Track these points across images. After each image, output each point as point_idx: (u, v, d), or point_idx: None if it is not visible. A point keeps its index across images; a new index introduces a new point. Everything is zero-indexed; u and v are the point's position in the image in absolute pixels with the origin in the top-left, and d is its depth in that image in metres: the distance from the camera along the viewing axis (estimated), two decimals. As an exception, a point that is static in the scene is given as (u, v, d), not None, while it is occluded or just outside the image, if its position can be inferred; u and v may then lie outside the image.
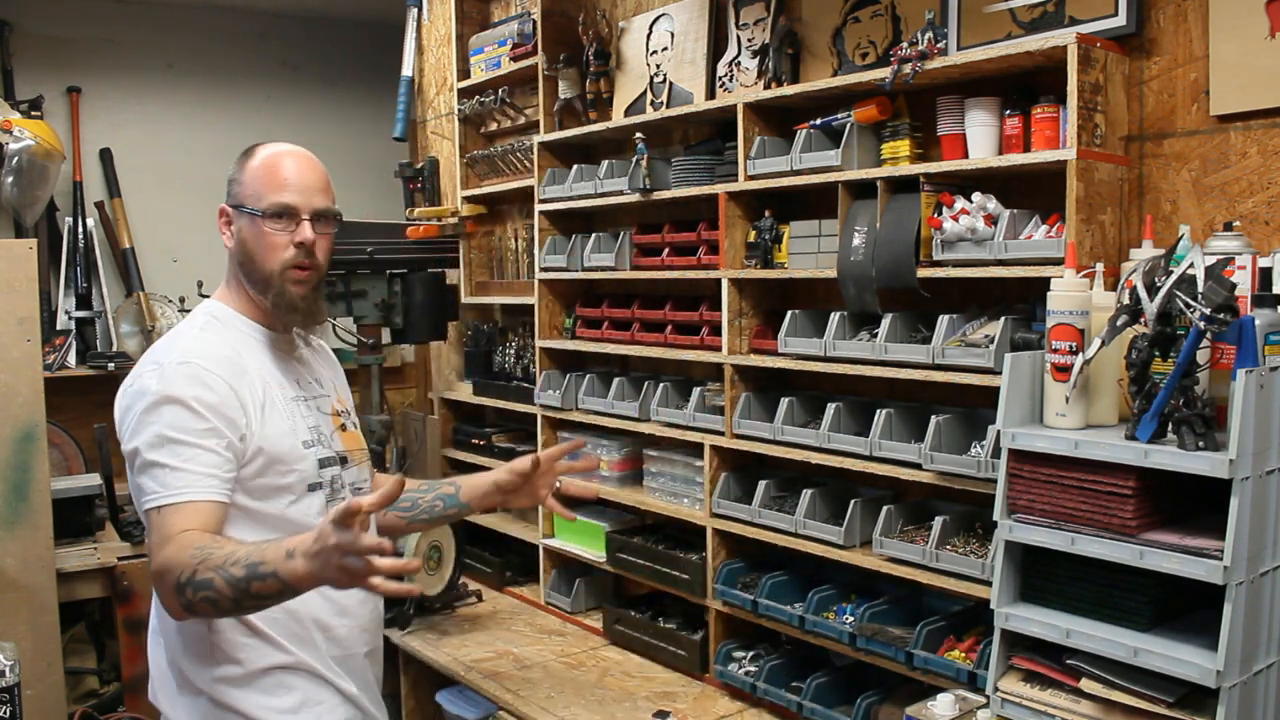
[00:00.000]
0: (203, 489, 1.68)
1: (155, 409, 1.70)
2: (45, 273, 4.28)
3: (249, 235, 1.87)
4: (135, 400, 1.74)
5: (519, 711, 2.66)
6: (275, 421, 1.81)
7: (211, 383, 1.74)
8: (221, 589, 1.56)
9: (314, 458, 1.86)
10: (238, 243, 1.89)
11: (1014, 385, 1.85)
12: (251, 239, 1.86)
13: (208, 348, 1.80)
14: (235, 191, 1.89)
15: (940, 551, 2.18)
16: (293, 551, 1.51)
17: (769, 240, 2.63)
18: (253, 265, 1.87)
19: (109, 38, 4.82)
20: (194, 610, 1.61)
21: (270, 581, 1.53)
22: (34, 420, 3.20)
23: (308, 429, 1.88)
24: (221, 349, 1.81)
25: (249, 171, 1.88)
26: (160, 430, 1.69)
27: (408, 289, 3.46)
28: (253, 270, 1.88)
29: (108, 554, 3.57)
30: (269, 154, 1.89)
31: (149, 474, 1.69)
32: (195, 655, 1.80)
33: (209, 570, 1.56)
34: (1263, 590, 1.61)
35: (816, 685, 2.41)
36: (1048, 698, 1.77)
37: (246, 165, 1.89)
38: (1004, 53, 2.09)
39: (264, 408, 1.80)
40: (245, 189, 1.87)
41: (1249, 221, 1.96)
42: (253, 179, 1.87)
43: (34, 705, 3.08)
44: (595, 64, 3.28)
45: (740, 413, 2.67)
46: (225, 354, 1.81)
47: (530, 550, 3.52)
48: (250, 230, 1.86)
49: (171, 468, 1.67)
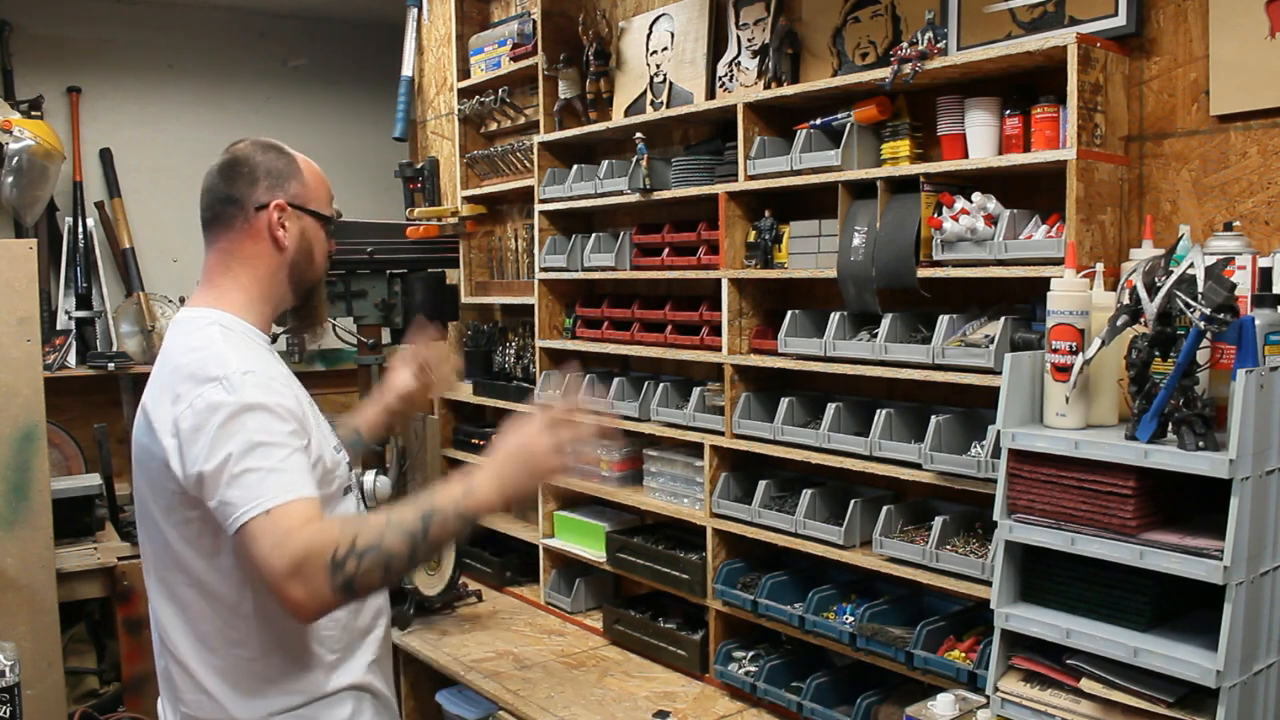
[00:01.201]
0: (304, 486, 1.57)
1: (236, 418, 1.56)
2: (45, 273, 4.29)
3: (314, 239, 1.81)
4: (207, 416, 1.57)
5: (519, 711, 2.66)
6: (318, 428, 1.76)
7: (280, 390, 1.65)
8: (394, 547, 1.52)
9: (344, 460, 1.84)
10: (298, 245, 1.79)
11: (1014, 385, 1.85)
12: (316, 243, 1.82)
13: (254, 357, 1.68)
14: (297, 191, 1.78)
15: (940, 551, 2.18)
16: (473, 487, 1.58)
17: (769, 240, 2.63)
18: (309, 268, 1.82)
19: (109, 38, 4.82)
20: (353, 586, 1.50)
21: (452, 522, 1.56)
22: (34, 420, 3.20)
23: (330, 432, 1.85)
24: (262, 357, 1.71)
25: (309, 174, 1.81)
26: (248, 437, 1.55)
27: (408, 289, 3.46)
28: (305, 274, 1.82)
29: (108, 554, 3.57)
30: (305, 159, 1.84)
31: (242, 483, 1.53)
32: (244, 691, 1.70)
33: (371, 536, 1.51)
34: (1263, 590, 1.61)
35: (816, 685, 2.41)
36: (1048, 698, 1.77)
37: (298, 165, 1.80)
38: (1004, 53, 2.08)
39: (310, 415, 1.74)
40: (309, 191, 1.80)
41: (1249, 221, 1.96)
42: (314, 182, 1.81)
43: (34, 705, 3.08)
44: (595, 64, 3.28)
45: (740, 413, 2.67)
46: (268, 360, 1.72)
47: (530, 550, 3.52)
48: (315, 234, 1.81)
49: (268, 469, 1.54)
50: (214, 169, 1.79)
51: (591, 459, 2.63)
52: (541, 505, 3.41)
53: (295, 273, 1.81)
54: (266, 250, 1.77)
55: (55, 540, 3.27)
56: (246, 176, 1.76)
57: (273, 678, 1.71)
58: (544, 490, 3.40)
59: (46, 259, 4.40)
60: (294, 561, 1.48)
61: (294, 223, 1.78)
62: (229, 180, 1.77)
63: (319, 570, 1.48)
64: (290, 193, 1.78)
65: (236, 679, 1.70)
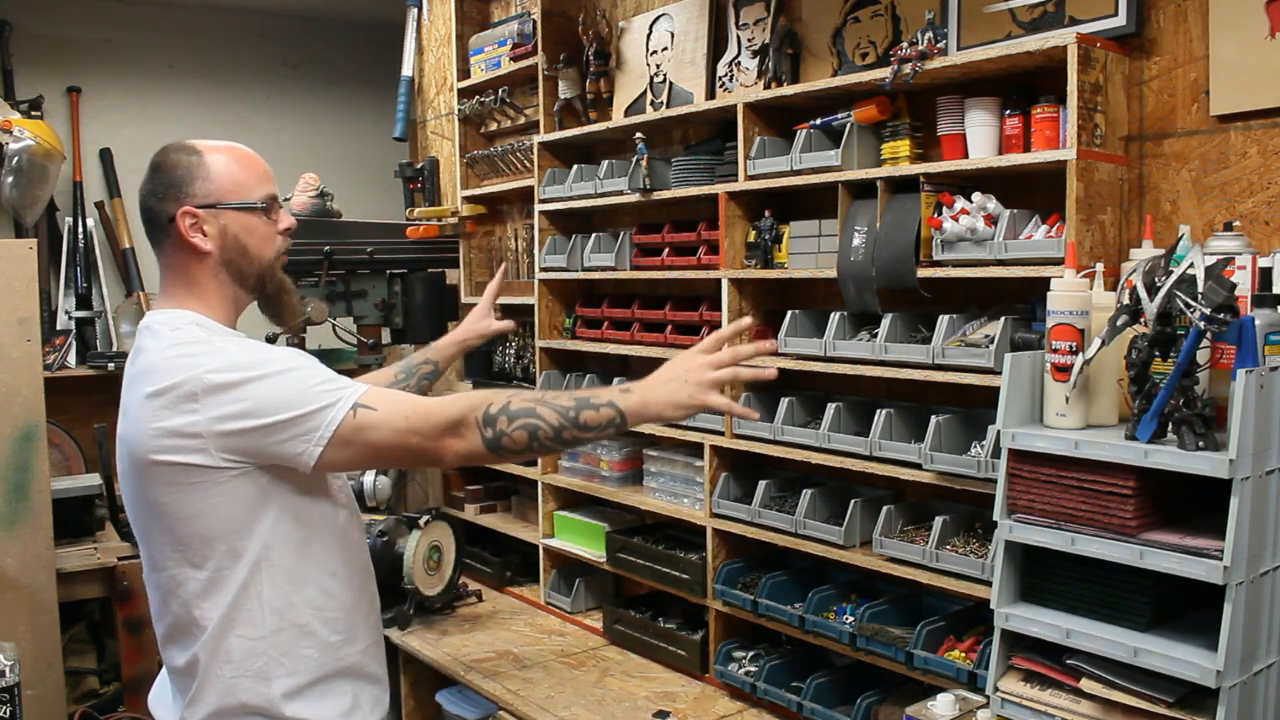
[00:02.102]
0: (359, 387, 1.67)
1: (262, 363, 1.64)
2: (45, 273, 4.28)
3: (239, 230, 1.77)
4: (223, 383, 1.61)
5: (519, 711, 2.66)
6: None
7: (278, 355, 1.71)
8: (546, 416, 1.65)
9: None
10: (224, 242, 1.76)
11: (1014, 385, 1.85)
12: (244, 233, 1.77)
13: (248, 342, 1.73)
14: (205, 190, 1.75)
15: (940, 551, 2.18)
16: (630, 388, 1.70)
17: (769, 240, 2.63)
18: (246, 261, 1.79)
19: (109, 38, 4.82)
20: (500, 444, 1.65)
21: (605, 411, 1.67)
22: (34, 420, 3.20)
23: None
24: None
25: (216, 168, 1.77)
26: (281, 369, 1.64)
27: (408, 289, 3.46)
28: (245, 266, 1.79)
29: (108, 554, 3.57)
30: (225, 148, 1.81)
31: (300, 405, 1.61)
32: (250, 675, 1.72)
33: (527, 402, 1.65)
34: (1263, 590, 1.61)
35: (816, 685, 2.41)
36: (1048, 698, 1.77)
37: (205, 163, 1.76)
38: (1004, 53, 2.08)
39: None
40: (221, 185, 1.76)
41: (1249, 221, 1.96)
42: (227, 174, 1.77)
43: (34, 705, 3.08)
44: (595, 64, 3.28)
45: (740, 413, 2.67)
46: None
47: (530, 550, 3.52)
48: (241, 225, 1.77)
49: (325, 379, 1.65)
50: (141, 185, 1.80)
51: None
52: (542, 505, 3.41)
53: (232, 270, 1.79)
54: (193, 258, 1.77)
55: (55, 540, 3.27)
56: (158, 190, 1.76)
57: (279, 659, 1.73)
58: (544, 490, 3.40)
59: (46, 259, 4.40)
60: (449, 420, 1.64)
61: (211, 223, 1.75)
62: (149, 195, 1.78)
63: (474, 424, 1.65)
64: (194, 195, 1.75)
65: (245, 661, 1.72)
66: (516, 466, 3.58)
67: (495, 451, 1.68)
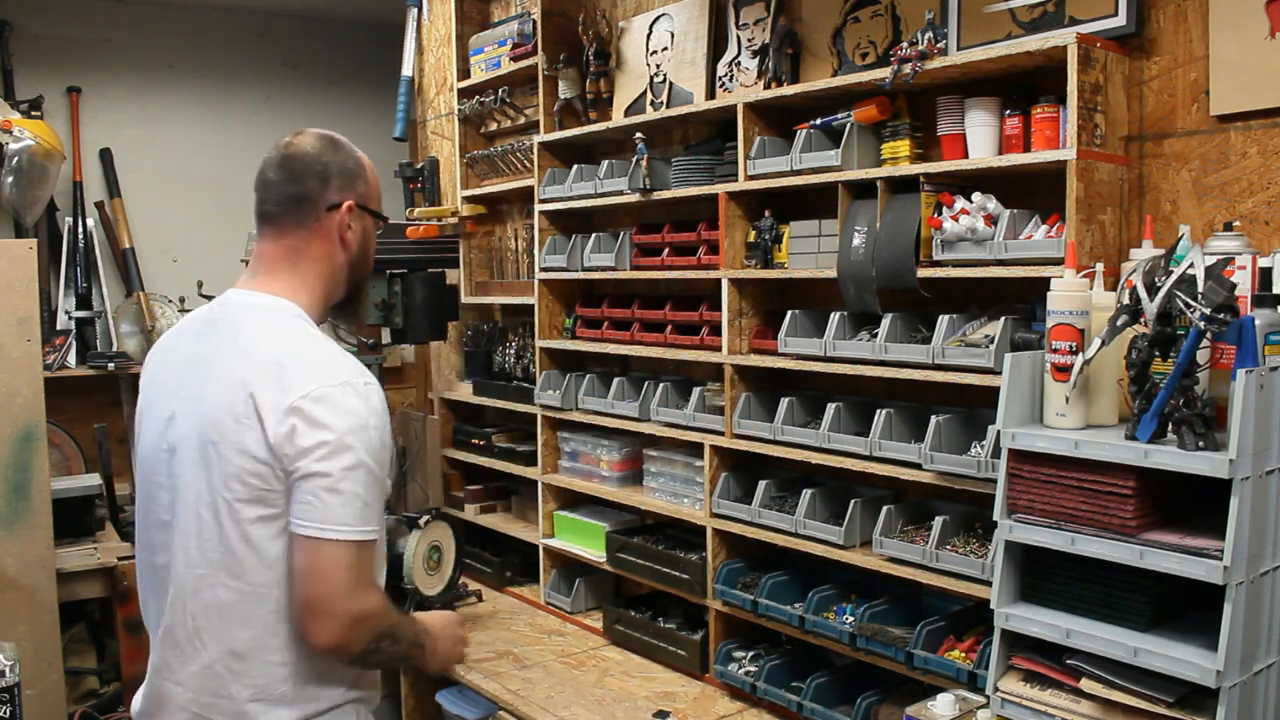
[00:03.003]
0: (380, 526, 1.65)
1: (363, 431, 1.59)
2: (45, 273, 4.28)
3: (370, 239, 1.81)
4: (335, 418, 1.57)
5: (519, 711, 2.66)
6: None
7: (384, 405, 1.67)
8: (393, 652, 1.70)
9: None
10: (361, 244, 1.79)
11: (1014, 385, 1.85)
12: (370, 240, 1.82)
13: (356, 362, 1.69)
14: (364, 191, 1.78)
15: (940, 551, 2.18)
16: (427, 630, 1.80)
17: (769, 240, 2.63)
18: (365, 265, 1.82)
19: (109, 38, 4.82)
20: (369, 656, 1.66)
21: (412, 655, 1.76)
22: (34, 420, 3.20)
23: None
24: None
25: (371, 173, 1.80)
26: (365, 459, 1.59)
27: (408, 289, 3.46)
28: (363, 269, 1.82)
29: (108, 554, 3.57)
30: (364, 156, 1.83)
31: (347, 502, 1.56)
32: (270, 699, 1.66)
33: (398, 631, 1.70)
34: (1263, 590, 1.61)
35: (816, 685, 2.41)
36: (1048, 698, 1.77)
37: (364, 164, 1.78)
38: (1004, 53, 2.09)
39: None
40: (372, 191, 1.80)
41: (1249, 221, 1.96)
42: (375, 182, 1.81)
43: (34, 705, 3.08)
44: (595, 64, 3.28)
45: (740, 412, 2.67)
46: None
47: (530, 550, 3.52)
48: (372, 233, 1.82)
49: (368, 503, 1.59)
50: (276, 162, 1.74)
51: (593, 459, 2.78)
52: (542, 505, 3.41)
53: (354, 271, 1.80)
54: (334, 250, 1.75)
55: (55, 540, 3.26)
56: (318, 174, 1.72)
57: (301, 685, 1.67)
58: (544, 490, 3.40)
59: (46, 259, 4.40)
60: (363, 613, 1.59)
61: (358, 223, 1.77)
62: (298, 177, 1.72)
63: (368, 633, 1.61)
64: (359, 193, 1.77)
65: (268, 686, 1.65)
66: (517, 466, 3.58)
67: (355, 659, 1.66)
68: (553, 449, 3.41)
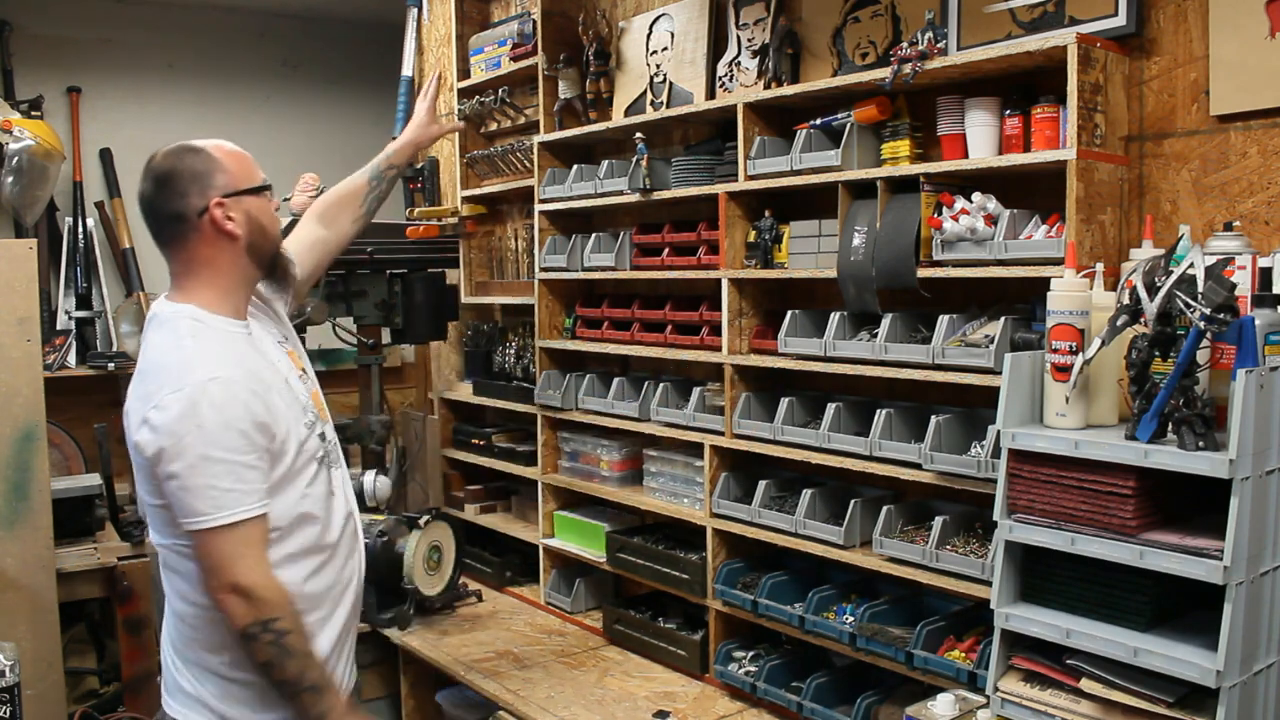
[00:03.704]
0: (252, 506, 1.73)
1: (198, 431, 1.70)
2: (45, 273, 4.28)
3: (259, 213, 1.87)
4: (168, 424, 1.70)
5: (519, 711, 2.66)
6: (286, 412, 1.83)
7: (242, 395, 1.74)
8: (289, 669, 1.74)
9: (315, 433, 1.90)
10: (250, 226, 1.85)
11: (1014, 385, 1.85)
12: (263, 215, 1.88)
13: (222, 356, 1.78)
14: (225, 182, 1.83)
15: (940, 551, 2.18)
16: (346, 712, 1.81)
17: (769, 240, 2.63)
18: (265, 240, 1.88)
19: (109, 38, 4.82)
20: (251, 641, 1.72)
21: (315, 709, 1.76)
22: (34, 420, 3.19)
23: (302, 407, 1.89)
24: (230, 354, 1.80)
25: (226, 161, 1.86)
26: (205, 452, 1.70)
27: (408, 289, 3.46)
28: (265, 246, 1.89)
29: (108, 554, 3.56)
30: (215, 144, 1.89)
31: (198, 494, 1.70)
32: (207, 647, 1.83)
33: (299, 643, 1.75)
34: (1263, 590, 1.61)
35: (816, 685, 2.41)
36: (1048, 698, 1.77)
37: (214, 158, 1.86)
38: (1004, 53, 2.09)
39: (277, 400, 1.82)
40: (235, 175, 1.85)
41: (1249, 221, 1.96)
42: (236, 164, 1.87)
43: (34, 705, 3.07)
44: (595, 64, 3.28)
45: (740, 413, 2.67)
46: (236, 358, 1.80)
47: (530, 550, 3.52)
48: (259, 208, 1.87)
49: (224, 489, 1.70)
50: (143, 191, 1.85)
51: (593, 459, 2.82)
52: (542, 505, 3.41)
53: (255, 251, 1.88)
54: (225, 245, 1.85)
55: (55, 540, 3.26)
56: (178, 190, 1.82)
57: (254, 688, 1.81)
58: (544, 490, 3.40)
59: (46, 259, 4.40)
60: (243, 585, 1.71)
61: (238, 210, 1.84)
62: (163, 198, 1.83)
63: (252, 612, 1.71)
64: (220, 186, 1.83)
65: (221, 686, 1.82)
66: (517, 466, 3.58)
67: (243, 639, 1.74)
68: (553, 449, 3.41)
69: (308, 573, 1.85)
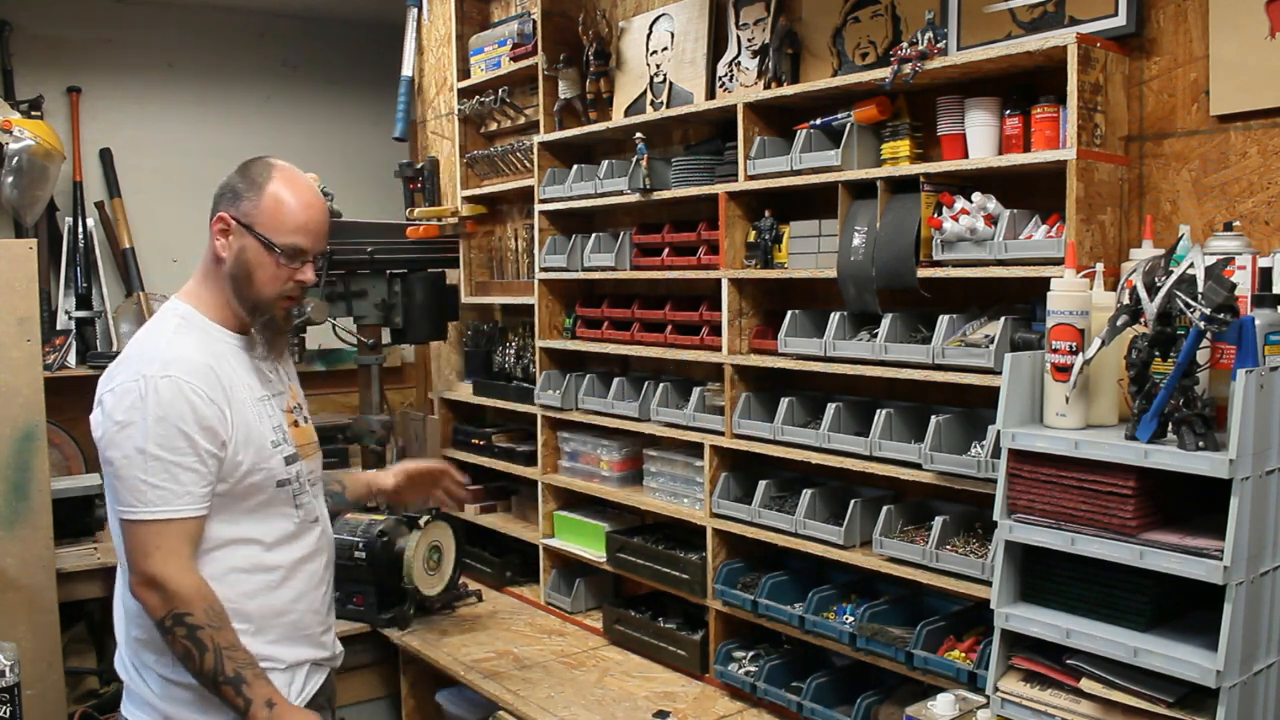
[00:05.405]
0: (182, 507, 1.75)
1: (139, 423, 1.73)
2: (45, 273, 4.28)
3: (254, 259, 1.86)
4: (114, 409, 1.76)
5: (519, 711, 2.66)
6: (248, 425, 1.85)
7: (191, 396, 1.76)
8: (205, 661, 1.73)
9: (281, 455, 1.90)
10: (237, 260, 1.86)
11: (1014, 385, 1.85)
12: (256, 264, 1.86)
13: (186, 356, 1.80)
14: (247, 210, 1.85)
15: (940, 551, 2.18)
16: (273, 701, 1.77)
17: (769, 240, 2.63)
18: (249, 287, 1.88)
19: (109, 38, 4.82)
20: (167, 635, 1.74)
21: (239, 699, 1.75)
22: (34, 420, 3.20)
23: (273, 428, 1.91)
24: (197, 356, 1.81)
25: (267, 198, 1.85)
26: (142, 445, 1.73)
27: (408, 289, 3.46)
28: (246, 291, 1.88)
29: (108, 554, 3.56)
30: (285, 184, 1.87)
31: (128, 486, 1.74)
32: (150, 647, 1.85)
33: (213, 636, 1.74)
34: (1263, 590, 1.61)
35: (816, 685, 2.41)
36: (1048, 698, 1.77)
37: (264, 189, 1.85)
38: (1004, 53, 2.09)
39: (239, 413, 1.83)
40: (261, 214, 1.85)
41: (1249, 221, 1.96)
42: (272, 208, 1.85)
43: (34, 705, 3.08)
44: (595, 64, 3.28)
45: (740, 413, 2.67)
46: (202, 361, 1.81)
47: (530, 550, 3.52)
48: (257, 256, 1.86)
49: (153, 485, 1.73)
50: None
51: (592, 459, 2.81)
52: (542, 505, 3.41)
53: (235, 286, 1.89)
54: (215, 258, 1.90)
55: (55, 540, 3.26)
56: (225, 188, 1.90)
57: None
58: (544, 490, 3.40)
59: (46, 259, 4.40)
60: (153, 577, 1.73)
61: (236, 238, 1.87)
62: (220, 188, 1.92)
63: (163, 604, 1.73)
64: (239, 209, 1.86)
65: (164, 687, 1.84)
66: (517, 466, 3.58)
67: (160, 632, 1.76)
68: (553, 449, 3.41)
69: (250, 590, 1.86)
